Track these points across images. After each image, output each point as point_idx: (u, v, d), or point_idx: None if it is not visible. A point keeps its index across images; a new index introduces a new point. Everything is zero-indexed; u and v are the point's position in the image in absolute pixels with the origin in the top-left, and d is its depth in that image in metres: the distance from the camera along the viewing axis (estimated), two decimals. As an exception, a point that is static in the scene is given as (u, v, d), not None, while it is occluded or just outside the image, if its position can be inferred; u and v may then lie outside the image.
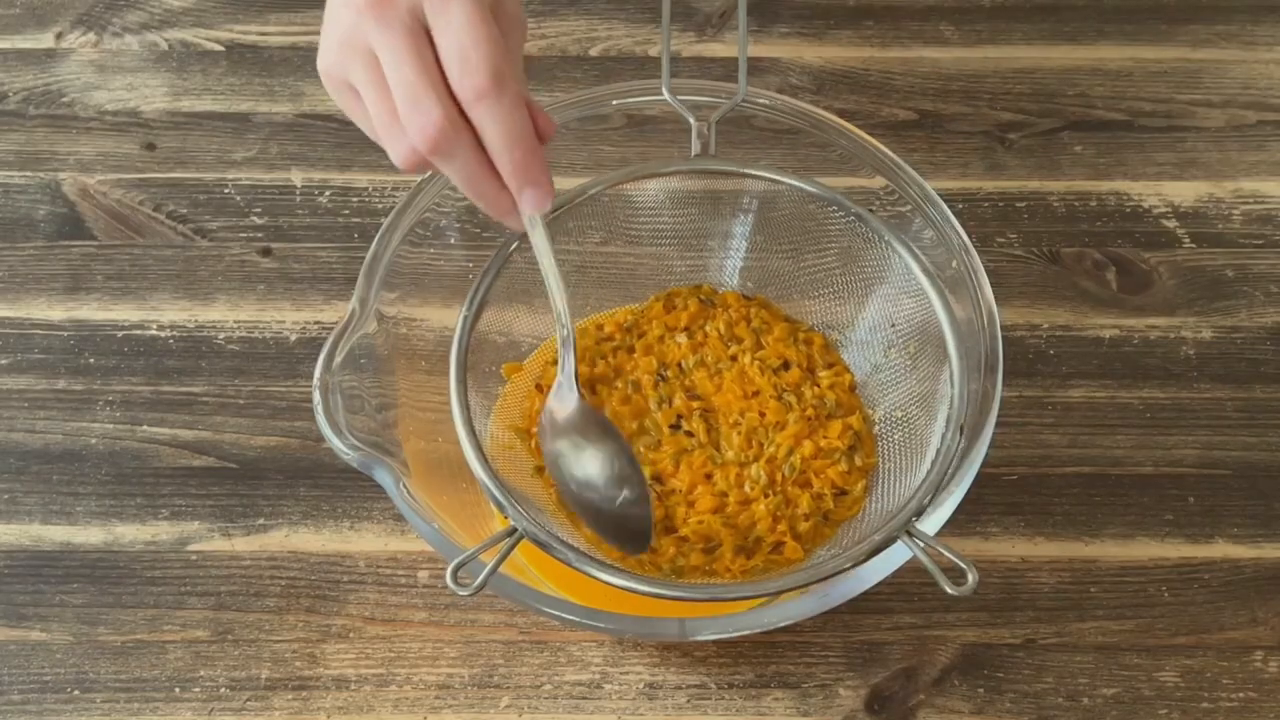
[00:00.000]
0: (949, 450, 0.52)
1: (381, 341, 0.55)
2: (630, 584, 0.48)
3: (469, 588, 0.46)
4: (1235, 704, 0.57)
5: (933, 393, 0.56)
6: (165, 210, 0.71)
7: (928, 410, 0.56)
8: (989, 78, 0.77)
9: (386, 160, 0.72)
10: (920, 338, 0.57)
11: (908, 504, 0.50)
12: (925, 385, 0.57)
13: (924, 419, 0.56)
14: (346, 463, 0.50)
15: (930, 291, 0.55)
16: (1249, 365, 0.66)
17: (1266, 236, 0.70)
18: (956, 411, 0.53)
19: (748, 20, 0.66)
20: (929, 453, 0.54)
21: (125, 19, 0.79)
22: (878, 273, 0.59)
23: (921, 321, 0.57)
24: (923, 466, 0.54)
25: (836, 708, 0.56)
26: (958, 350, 0.54)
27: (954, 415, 0.53)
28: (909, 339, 0.58)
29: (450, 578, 0.46)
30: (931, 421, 0.55)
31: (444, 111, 0.45)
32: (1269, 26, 0.79)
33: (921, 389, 0.57)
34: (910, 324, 0.58)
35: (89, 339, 0.67)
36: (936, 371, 0.56)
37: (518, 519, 0.49)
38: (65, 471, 0.63)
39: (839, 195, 0.58)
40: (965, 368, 0.53)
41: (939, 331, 0.55)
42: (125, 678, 0.57)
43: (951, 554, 0.47)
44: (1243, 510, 0.61)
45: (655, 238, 0.62)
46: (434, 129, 0.45)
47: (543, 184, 0.47)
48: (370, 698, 0.57)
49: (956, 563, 0.47)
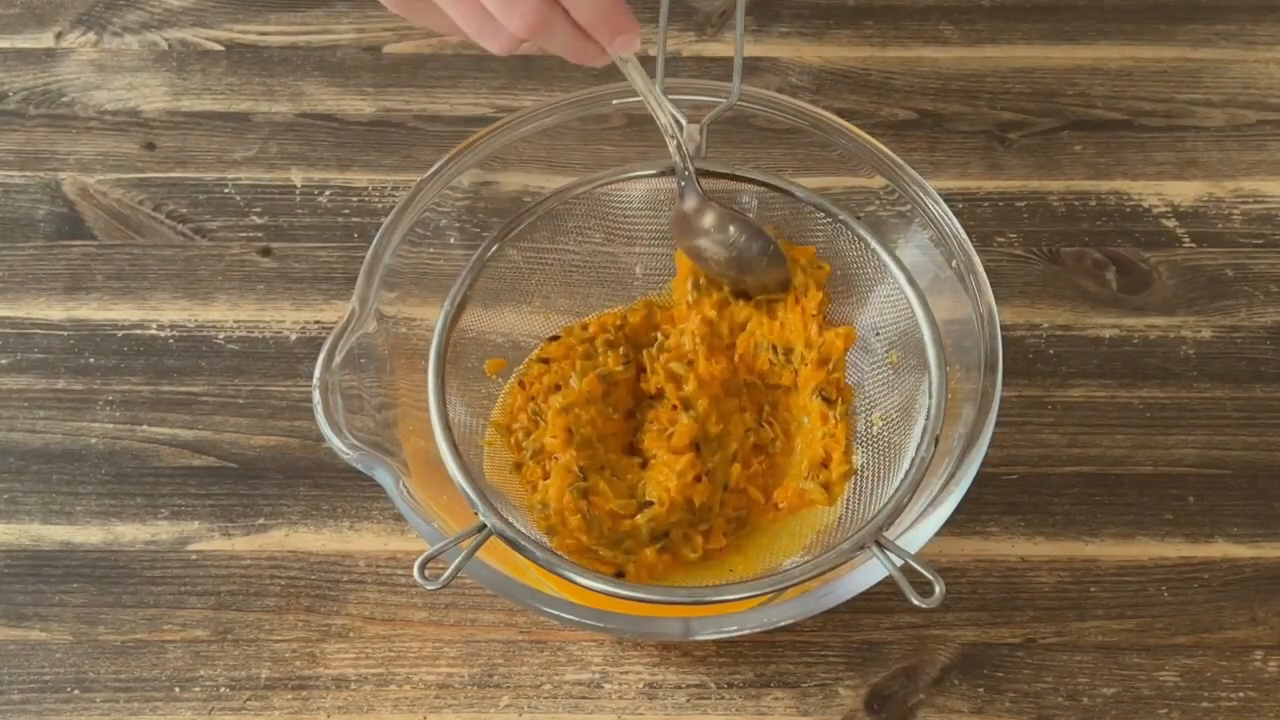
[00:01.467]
0: (923, 461, 0.52)
1: (381, 341, 0.55)
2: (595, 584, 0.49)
3: (436, 582, 0.47)
4: (1235, 704, 0.57)
5: (913, 402, 0.56)
6: (165, 210, 0.71)
7: (907, 419, 0.56)
8: (989, 77, 0.77)
9: (387, 160, 0.73)
10: (903, 347, 0.58)
11: (878, 514, 0.51)
12: (906, 395, 0.57)
13: (904, 428, 0.56)
14: (346, 463, 0.50)
15: (913, 300, 0.56)
16: (1249, 365, 0.66)
17: (1266, 236, 0.70)
18: (932, 423, 0.53)
19: (747, 20, 0.66)
20: (904, 462, 0.54)
21: (125, 19, 0.79)
22: (863, 279, 0.59)
23: (905, 330, 0.57)
24: (897, 476, 0.54)
25: (836, 707, 0.56)
26: (937, 360, 0.54)
27: (929, 426, 0.53)
28: (892, 347, 0.58)
29: (418, 571, 0.47)
30: (910, 431, 0.55)
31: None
32: (1269, 26, 0.79)
33: (902, 399, 0.57)
34: (894, 331, 0.58)
35: (89, 339, 0.67)
36: (917, 381, 0.56)
37: (486, 515, 0.49)
38: (65, 471, 0.63)
39: (824, 200, 0.58)
40: (944, 378, 0.54)
41: (920, 341, 0.55)
42: (125, 677, 0.57)
43: (919, 565, 0.47)
44: (1243, 510, 0.61)
45: (653, 238, 0.62)
46: (535, 14, 0.47)
47: (630, 30, 0.50)
48: (370, 697, 0.57)
49: (924, 574, 0.47)
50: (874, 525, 0.50)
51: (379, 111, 0.75)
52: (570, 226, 0.61)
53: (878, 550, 0.48)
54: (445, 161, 0.59)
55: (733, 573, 0.56)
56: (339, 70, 0.77)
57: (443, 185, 0.58)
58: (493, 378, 0.61)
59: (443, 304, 0.56)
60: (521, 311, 0.61)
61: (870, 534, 0.49)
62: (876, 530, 0.49)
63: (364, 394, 0.53)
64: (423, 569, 0.47)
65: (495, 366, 0.61)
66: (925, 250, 0.58)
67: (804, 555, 0.55)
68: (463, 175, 0.59)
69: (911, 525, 0.50)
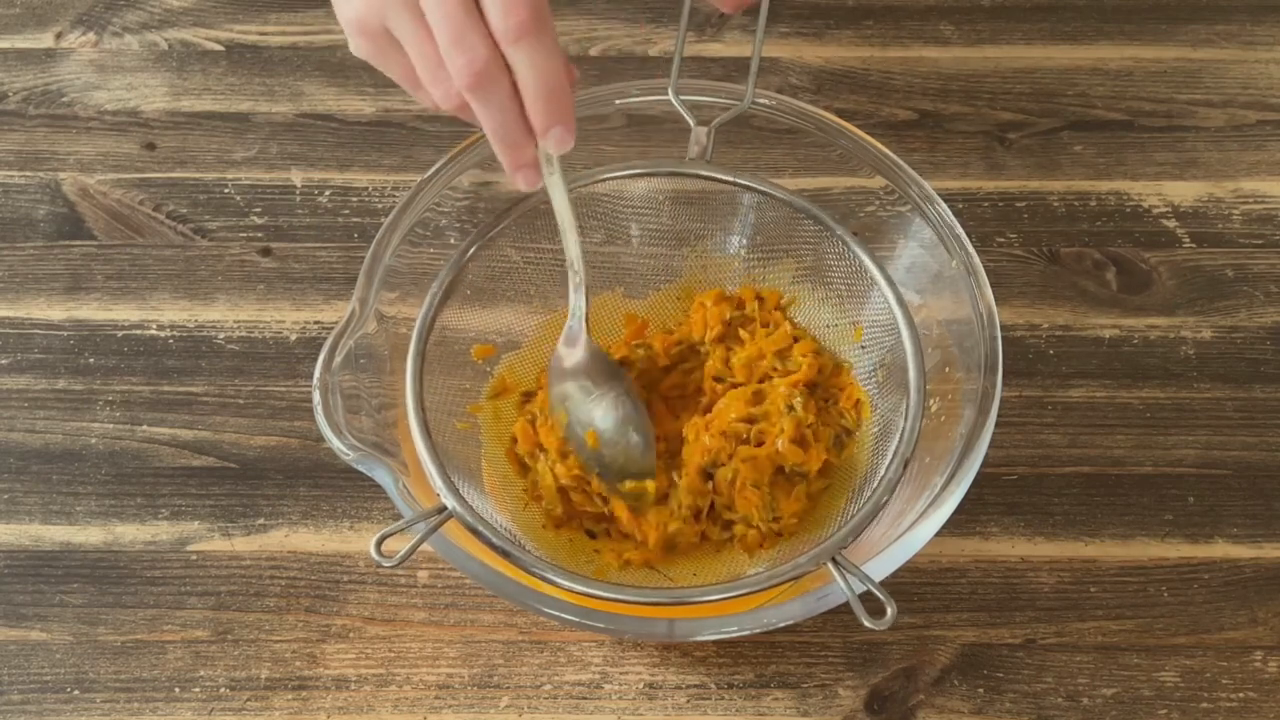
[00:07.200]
0: (890, 481, 0.52)
1: (381, 341, 0.55)
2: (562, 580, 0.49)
3: (393, 559, 0.47)
4: (1235, 704, 0.57)
5: (891, 423, 0.56)
6: (165, 210, 0.71)
7: (886, 439, 0.56)
8: (989, 78, 0.77)
9: (387, 160, 0.73)
10: (887, 367, 0.58)
11: (839, 530, 0.51)
12: (886, 416, 0.57)
13: (883, 447, 0.56)
14: (346, 463, 0.50)
15: (900, 321, 0.55)
16: (1249, 365, 0.66)
17: (1266, 236, 0.70)
18: (904, 445, 0.53)
19: (746, 20, 0.66)
20: (874, 481, 0.54)
21: (125, 19, 0.79)
22: (854, 297, 0.59)
23: (890, 347, 0.57)
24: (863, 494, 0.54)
25: (836, 708, 0.56)
26: (917, 384, 0.54)
27: (900, 449, 0.53)
28: (877, 368, 0.59)
29: (374, 549, 0.47)
30: (885, 451, 0.55)
31: (488, 49, 0.46)
32: (1269, 26, 0.79)
33: (883, 419, 0.57)
34: (880, 349, 0.58)
35: (89, 339, 0.67)
36: (897, 403, 0.55)
37: (449, 498, 0.50)
38: (65, 471, 0.63)
39: (820, 210, 0.58)
40: (921, 402, 0.54)
41: (904, 362, 0.55)
42: (125, 678, 0.57)
43: (873, 587, 0.47)
44: (1243, 510, 0.61)
45: (654, 238, 0.62)
46: (480, 63, 0.46)
47: (569, 124, 0.48)
48: (370, 698, 0.57)
49: (877, 595, 0.47)
50: (833, 543, 0.50)
51: (379, 111, 0.75)
52: (588, 226, 0.60)
53: (833, 568, 0.49)
54: (445, 161, 0.59)
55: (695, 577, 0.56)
56: (339, 70, 0.77)
57: (443, 185, 0.59)
58: (478, 363, 0.61)
59: (436, 294, 0.56)
60: (515, 305, 0.61)
61: (827, 552, 0.49)
62: (834, 548, 0.49)
63: (364, 394, 0.53)
64: (379, 546, 0.47)
65: (482, 353, 0.61)
66: (925, 250, 0.58)
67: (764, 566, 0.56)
68: (463, 175, 0.59)
69: (911, 526, 0.51)
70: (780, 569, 0.50)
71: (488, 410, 0.60)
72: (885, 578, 0.49)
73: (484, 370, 0.61)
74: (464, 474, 0.55)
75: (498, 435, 0.60)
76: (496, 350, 0.61)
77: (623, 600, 0.49)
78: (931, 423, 0.55)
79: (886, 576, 0.49)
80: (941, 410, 0.56)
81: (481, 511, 0.51)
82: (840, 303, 0.60)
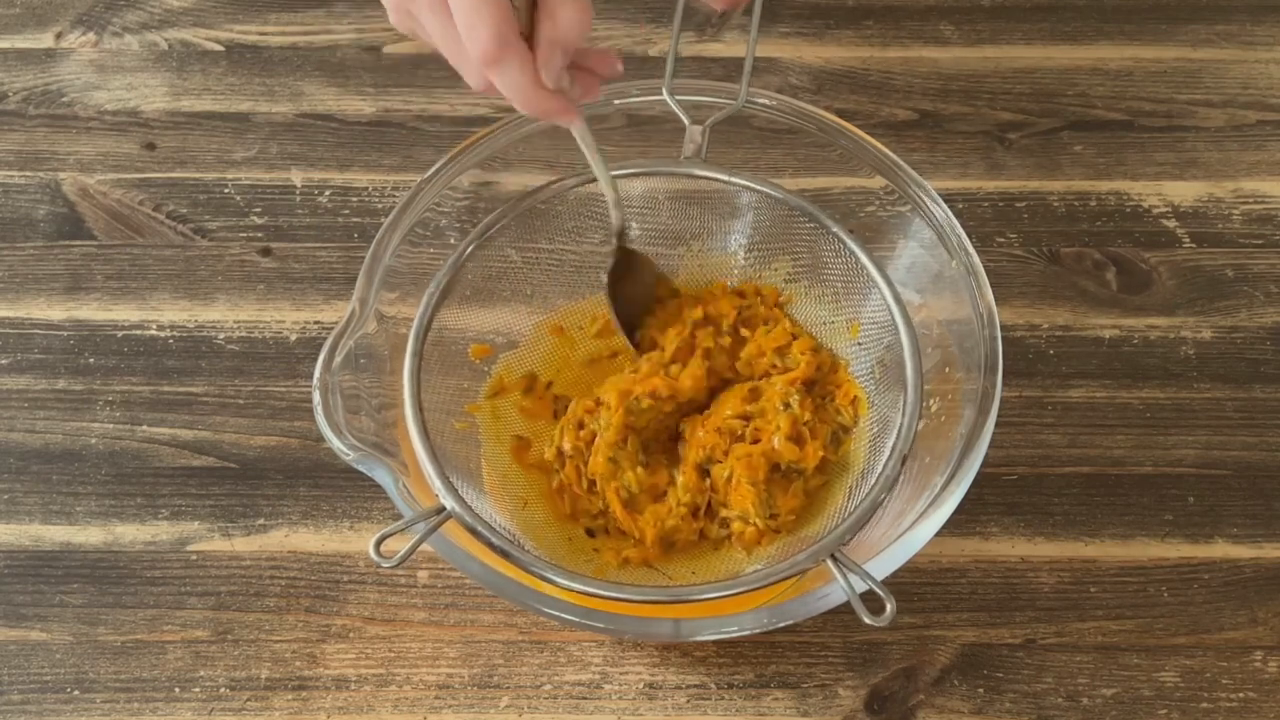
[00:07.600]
0: (889, 478, 0.52)
1: (381, 342, 0.55)
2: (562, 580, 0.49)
3: (393, 560, 0.47)
4: (1235, 704, 0.57)
5: (889, 420, 0.56)
6: (165, 210, 0.71)
7: (884, 435, 0.56)
8: (989, 78, 0.77)
9: (387, 160, 0.73)
10: (885, 364, 0.58)
11: (837, 526, 0.51)
12: (884, 413, 0.57)
13: (881, 443, 0.56)
14: (346, 463, 0.50)
15: (897, 318, 0.56)
16: (1249, 365, 0.66)
17: (1266, 236, 0.70)
18: (902, 442, 0.53)
19: (745, 20, 0.66)
20: (871, 478, 0.54)
21: (125, 19, 0.79)
22: (851, 294, 0.59)
23: (889, 344, 0.57)
24: (861, 490, 0.54)
25: (836, 708, 0.56)
26: (914, 381, 0.54)
27: (898, 445, 0.53)
28: (875, 366, 0.59)
29: (373, 549, 0.47)
30: (883, 448, 0.55)
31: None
32: (1269, 26, 0.79)
33: (881, 416, 0.57)
34: (878, 346, 0.58)
35: (89, 339, 0.67)
36: (895, 400, 0.56)
37: (447, 498, 0.50)
38: (65, 471, 0.63)
39: (817, 209, 0.58)
40: (919, 399, 0.54)
41: (901, 359, 0.55)
42: (125, 678, 0.57)
43: (872, 583, 0.47)
44: (1242, 510, 0.61)
45: (653, 237, 0.62)
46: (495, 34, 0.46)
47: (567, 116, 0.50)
48: (370, 698, 0.57)
49: (877, 592, 0.47)
50: (832, 539, 0.50)
51: (379, 111, 0.75)
52: (570, 227, 0.61)
53: (832, 564, 0.49)
54: (445, 162, 0.59)
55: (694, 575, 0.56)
56: (339, 70, 0.77)
57: (443, 185, 0.59)
58: (476, 363, 0.61)
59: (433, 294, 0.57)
60: (513, 305, 0.61)
61: (826, 548, 0.49)
62: (833, 545, 0.49)
63: (364, 394, 0.53)
64: (378, 546, 0.47)
65: (480, 352, 0.61)
66: (925, 250, 0.58)
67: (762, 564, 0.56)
68: (463, 175, 0.59)
69: (911, 526, 0.50)
70: (779, 566, 0.50)
71: (486, 410, 0.60)
72: (885, 578, 0.49)
73: (482, 370, 0.61)
74: (463, 474, 0.55)
75: (496, 435, 0.60)
76: (494, 350, 0.61)
77: (622, 599, 0.49)
78: (932, 423, 0.55)
79: (887, 576, 0.49)
80: (941, 410, 0.56)
81: (480, 511, 0.51)
82: (836, 300, 0.60)
